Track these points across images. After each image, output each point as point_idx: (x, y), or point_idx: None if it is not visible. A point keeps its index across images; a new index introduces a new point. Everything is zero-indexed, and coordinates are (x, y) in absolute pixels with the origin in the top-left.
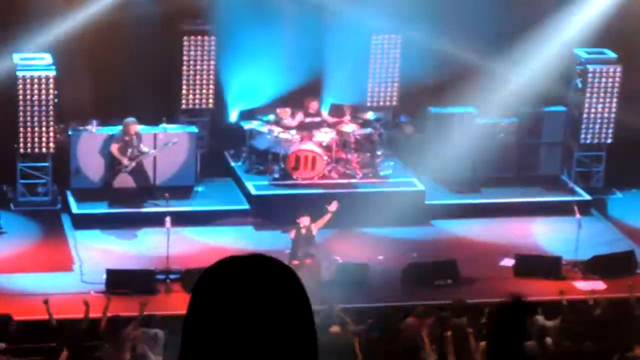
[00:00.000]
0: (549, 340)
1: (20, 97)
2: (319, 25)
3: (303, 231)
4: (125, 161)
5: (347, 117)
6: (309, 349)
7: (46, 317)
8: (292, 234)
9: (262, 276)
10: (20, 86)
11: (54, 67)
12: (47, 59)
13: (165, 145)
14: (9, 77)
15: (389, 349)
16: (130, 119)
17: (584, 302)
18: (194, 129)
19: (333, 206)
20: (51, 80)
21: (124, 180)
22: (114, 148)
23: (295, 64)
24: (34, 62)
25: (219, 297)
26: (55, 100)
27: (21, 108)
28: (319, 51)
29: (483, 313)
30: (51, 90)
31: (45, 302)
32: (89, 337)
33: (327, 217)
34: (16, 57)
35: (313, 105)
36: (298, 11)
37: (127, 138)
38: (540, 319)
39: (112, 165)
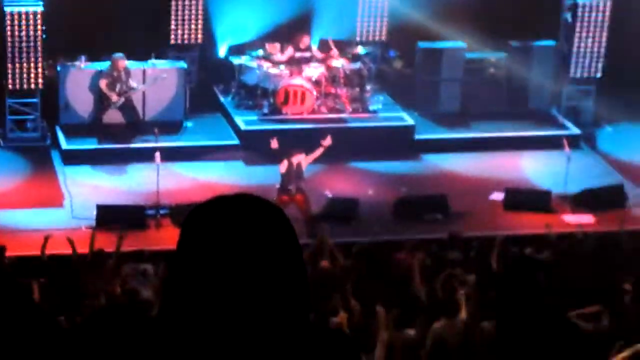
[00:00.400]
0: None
1: (8, 33)
2: None
3: (294, 166)
4: (114, 97)
5: (336, 52)
6: (299, 286)
7: (37, 253)
8: (283, 168)
9: (250, 214)
10: (8, 22)
11: (41, 3)
12: None
13: (154, 80)
14: None
15: (380, 283)
16: (118, 55)
17: (572, 235)
18: (183, 64)
19: (327, 141)
20: (39, 15)
21: (113, 116)
22: (103, 84)
23: None
24: None
25: (208, 234)
26: (44, 35)
27: (9, 44)
28: None
29: (472, 246)
30: (39, 26)
31: (46, 238)
32: (79, 272)
33: (319, 151)
34: None
35: (305, 41)
36: None
37: (115, 74)
38: (529, 251)
39: (101, 101)
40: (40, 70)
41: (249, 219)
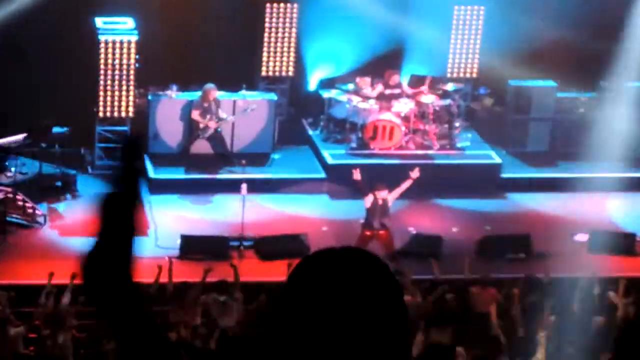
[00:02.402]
0: (619, 315)
1: (102, 61)
2: None
3: (379, 202)
4: (212, 124)
5: (426, 88)
6: (401, 344)
7: None
8: (369, 203)
9: (357, 270)
10: (102, 50)
11: (136, 32)
12: (130, 23)
13: (243, 112)
14: (91, 40)
15: (458, 320)
16: (210, 85)
17: None
18: (273, 97)
19: (415, 173)
20: (133, 44)
21: (201, 147)
22: (195, 114)
23: (376, 33)
24: (116, 26)
25: (314, 288)
26: (137, 64)
27: (102, 72)
28: (400, 21)
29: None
30: (132, 55)
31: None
32: (159, 301)
33: (407, 184)
34: (99, 21)
35: (394, 79)
36: None
37: (206, 104)
38: (612, 294)
39: (191, 131)
40: (131, 99)
41: (355, 274)
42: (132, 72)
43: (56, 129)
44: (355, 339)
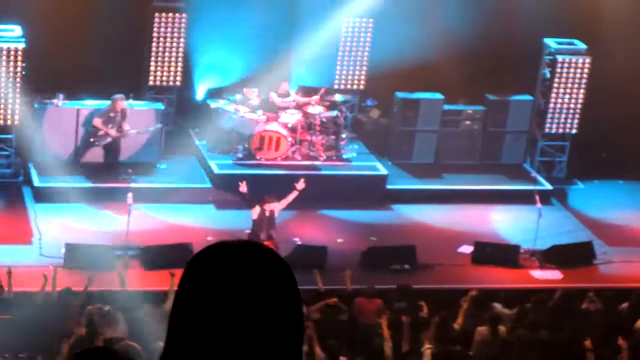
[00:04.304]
0: (502, 328)
1: None
2: (290, 6)
3: (266, 213)
4: (112, 132)
5: (314, 99)
6: (294, 338)
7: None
8: (255, 214)
9: (255, 263)
10: None
11: (23, 39)
12: (17, 30)
13: (148, 129)
14: None
15: (345, 332)
16: (119, 95)
17: (539, 291)
18: (160, 106)
19: (300, 184)
20: (20, 52)
21: (90, 155)
22: (97, 121)
23: (264, 44)
24: (3, 33)
25: (210, 282)
26: (23, 72)
27: None
28: (289, 32)
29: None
30: (19, 63)
31: (9, 273)
32: (43, 310)
33: (293, 196)
34: None
35: (284, 86)
36: None
37: (112, 114)
38: (497, 306)
39: (87, 139)
40: (17, 106)
41: (254, 268)
42: (18, 79)
43: None
44: (251, 329)
